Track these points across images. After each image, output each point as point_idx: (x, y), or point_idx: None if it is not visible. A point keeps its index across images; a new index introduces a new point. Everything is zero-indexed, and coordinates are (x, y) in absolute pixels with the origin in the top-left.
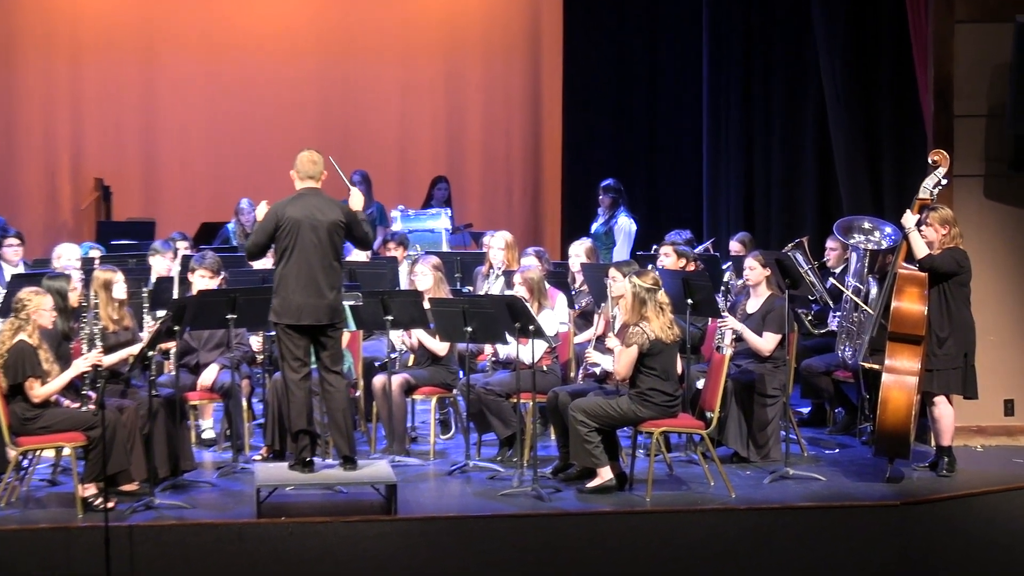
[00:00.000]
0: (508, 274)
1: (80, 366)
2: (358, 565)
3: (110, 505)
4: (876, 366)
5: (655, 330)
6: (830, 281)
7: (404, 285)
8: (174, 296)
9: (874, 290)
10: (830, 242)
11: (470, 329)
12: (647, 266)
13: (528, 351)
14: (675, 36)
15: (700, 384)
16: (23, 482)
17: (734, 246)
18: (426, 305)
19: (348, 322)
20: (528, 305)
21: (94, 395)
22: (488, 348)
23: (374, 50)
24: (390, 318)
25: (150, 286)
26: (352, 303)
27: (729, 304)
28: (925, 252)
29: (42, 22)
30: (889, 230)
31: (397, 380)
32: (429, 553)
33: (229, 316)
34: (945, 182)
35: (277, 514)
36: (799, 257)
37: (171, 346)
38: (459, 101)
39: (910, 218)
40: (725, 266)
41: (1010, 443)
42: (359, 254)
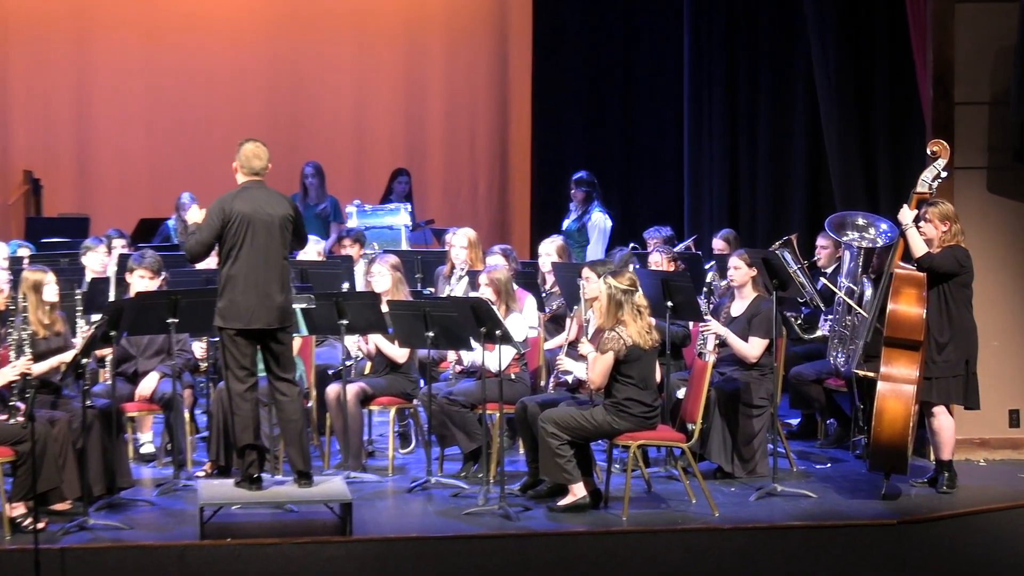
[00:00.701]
0: (473, 274)
1: (7, 375)
2: None
3: (40, 526)
4: (871, 374)
5: (632, 335)
6: (821, 282)
7: (360, 286)
8: (110, 298)
9: (868, 291)
10: (821, 240)
11: (431, 334)
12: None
13: (495, 358)
14: (653, 18)
15: (681, 393)
16: None
17: (717, 244)
18: (384, 308)
19: (299, 327)
20: (494, 308)
21: (23, 406)
22: (451, 355)
23: (327, 32)
24: (345, 322)
25: (84, 287)
26: (303, 306)
27: (712, 307)
28: (924, 250)
29: None
30: (885, 227)
31: (352, 389)
32: None
33: (170, 320)
34: (945, 175)
35: (222, 535)
36: (787, 256)
37: (107, 353)
38: (420, 87)
39: (907, 214)
40: (708, 266)
41: (1015, 457)
42: (311, 252)
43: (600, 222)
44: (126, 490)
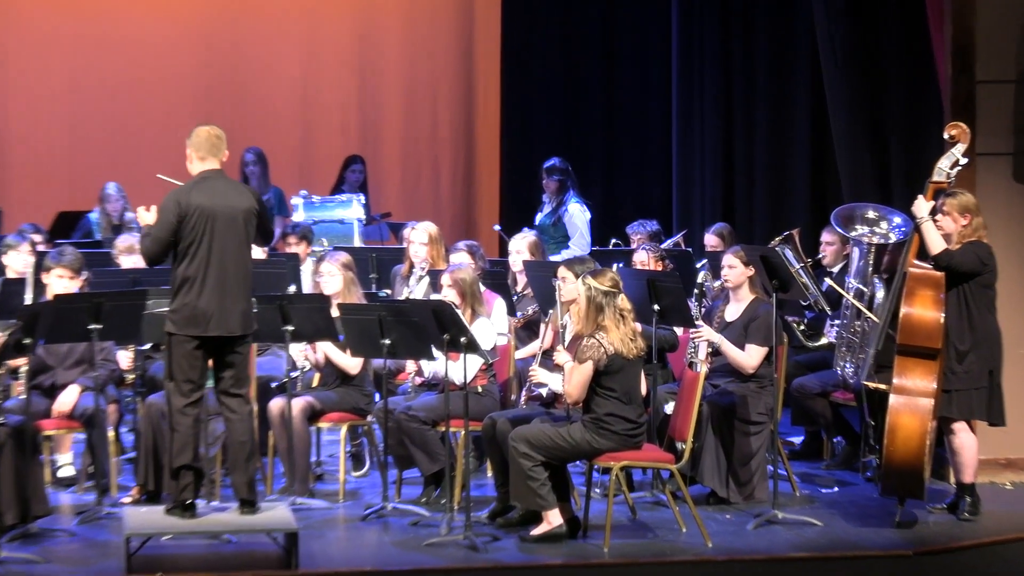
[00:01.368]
0: (434, 274)
1: None
2: None
3: None
4: (883, 386)
5: (614, 342)
6: (827, 283)
7: (308, 288)
8: (25, 301)
9: (880, 293)
10: (826, 235)
11: (388, 342)
12: (613, 264)
13: (459, 369)
14: None
15: (669, 408)
16: None
17: (710, 240)
18: (334, 312)
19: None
20: (459, 312)
21: None
22: (410, 365)
23: (269, 4)
24: (290, 328)
25: None
26: (159, 311)
27: (704, 311)
28: (941, 247)
29: None
30: (898, 220)
31: (299, 404)
32: None
33: (92, 327)
34: (965, 161)
35: (151, 569)
36: (789, 253)
37: (21, 363)
38: (375, 65)
39: (923, 206)
40: (699, 264)
41: None
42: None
43: (577, 214)
44: (42, 518)
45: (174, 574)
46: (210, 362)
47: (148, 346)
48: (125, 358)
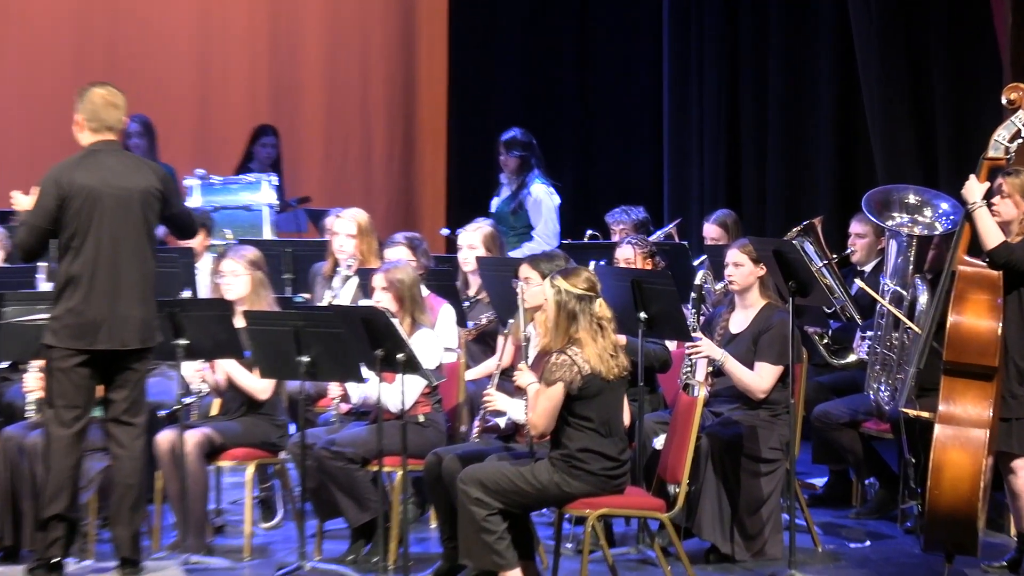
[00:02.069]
0: (364, 274)
1: None
2: None
3: None
4: (925, 414)
5: (590, 359)
6: (856, 284)
7: (206, 292)
8: None
9: (923, 298)
10: (856, 225)
11: (306, 359)
12: (589, 262)
13: (395, 393)
14: None
15: (659, 442)
16: None
17: (711, 231)
18: (239, 323)
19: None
20: (395, 322)
21: None
22: (334, 389)
23: None
24: (183, 343)
25: None
26: (29, 319)
27: (703, 320)
28: (999, 239)
29: None
30: (945, 206)
31: (194, 438)
32: None
33: None
34: None
35: None
36: (809, 248)
37: None
38: (291, 13)
39: (976, 188)
40: (697, 261)
41: None
42: None
43: (543, 198)
44: None
45: None
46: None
47: (5, 365)
48: None
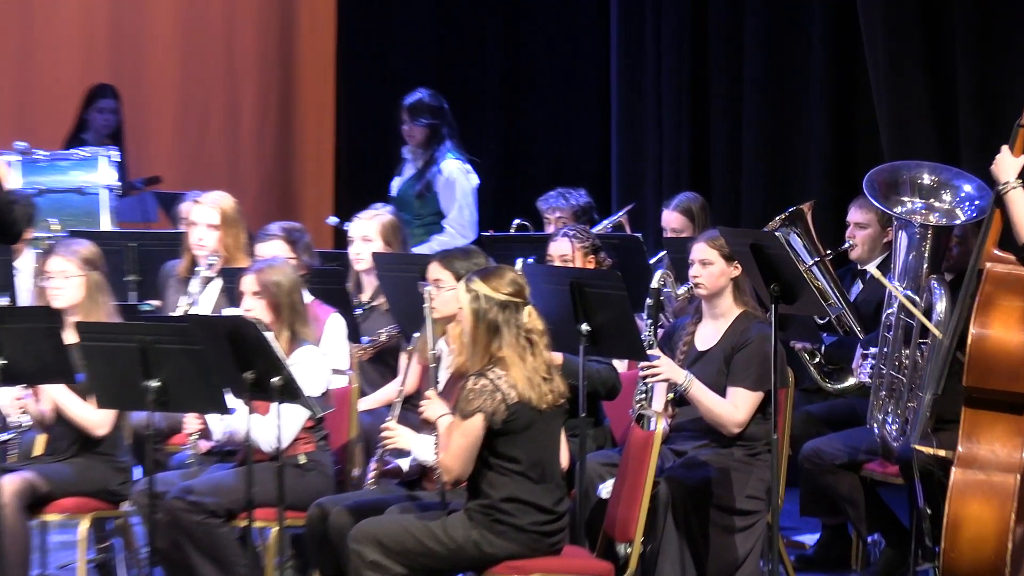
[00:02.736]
0: (231, 275)
1: None
2: None
3: None
4: (942, 452)
5: (517, 384)
6: (857, 286)
7: (27, 299)
8: None
9: (940, 305)
10: (856, 212)
11: (156, 384)
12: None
13: (270, 427)
14: None
15: (606, 490)
16: None
17: (672, 220)
18: (70, 337)
19: None
20: (269, 336)
21: None
22: (192, 422)
23: None
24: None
25: None
26: None
27: (663, 332)
28: None
29: None
30: (969, 189)
31: (12, 485)
32: None
33: None
34: None
35: None
36: (797, 241)
37: None
38: None
39: (1010, 163)
40: (655, 259)
41: None
42: None
43: (458, 178)
44: None
45: None
46: None
47: None
48: None
